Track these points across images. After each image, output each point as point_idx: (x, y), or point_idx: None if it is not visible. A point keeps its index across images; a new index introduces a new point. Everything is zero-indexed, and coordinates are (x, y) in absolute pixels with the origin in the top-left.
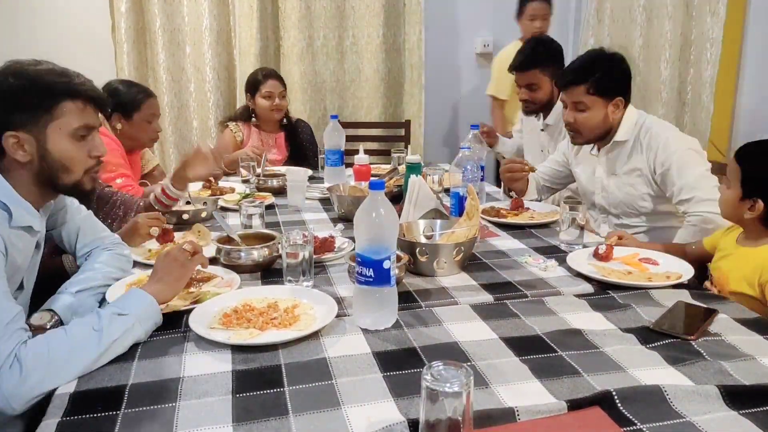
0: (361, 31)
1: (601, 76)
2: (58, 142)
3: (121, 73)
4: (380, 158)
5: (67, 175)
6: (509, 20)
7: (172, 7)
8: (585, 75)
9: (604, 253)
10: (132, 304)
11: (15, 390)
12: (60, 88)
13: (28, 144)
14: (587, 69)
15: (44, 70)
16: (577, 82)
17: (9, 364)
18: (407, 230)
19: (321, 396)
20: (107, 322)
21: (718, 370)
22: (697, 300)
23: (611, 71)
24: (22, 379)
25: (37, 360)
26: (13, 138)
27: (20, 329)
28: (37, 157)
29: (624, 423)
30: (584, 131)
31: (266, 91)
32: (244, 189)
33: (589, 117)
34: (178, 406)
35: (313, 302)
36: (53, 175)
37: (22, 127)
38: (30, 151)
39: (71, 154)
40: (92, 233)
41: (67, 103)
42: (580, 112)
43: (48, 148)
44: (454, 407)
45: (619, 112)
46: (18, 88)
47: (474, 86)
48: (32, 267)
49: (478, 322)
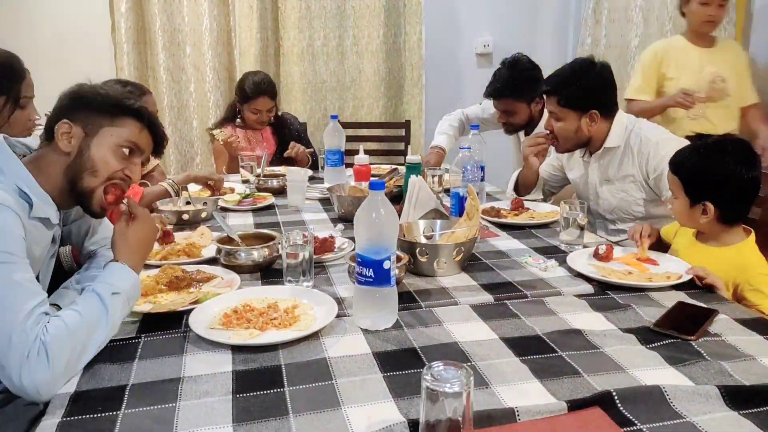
0: (362, 31)
1: (573, 90)
2: (103, 145)
3: (121, 74)
4: (380, 158)
5: (90, 178)
6: (509, 20)
7: (172, 8)
8: (557, 87)
9: (604, 254)
10: (120, 280)
11: (44, 379)
12: (131, 108)
13: (75, 137)
14: (561, 81)
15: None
16: (551, 93)
17: (36, 350)
18: (407, 230)
19: (321, 396)
20: (110, 302)
21: (719, 370)
22: (697, 300)
23: (585, 85)
24: (51, 367)
25: (62, 346)
26: (66, 126)
27: (43, 313)
28: (76, 152)
29: (624, 423)
30: (561, 140)
31: (254, 107)
32: (244, 189)
33: (563, 127)
34: (178, 406)
35: (313, 302)
36: (79, 172)
37: (80, 121)
38: (74, 144)
39: (106, 160)
40: (102, 232)
41: (131, 120)
42: (556, 121)
43: (91, 146)
44: (454, 407)
45: (595, 125)
46: (96, 95)
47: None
48: (48, 263)
49: (478, 322)
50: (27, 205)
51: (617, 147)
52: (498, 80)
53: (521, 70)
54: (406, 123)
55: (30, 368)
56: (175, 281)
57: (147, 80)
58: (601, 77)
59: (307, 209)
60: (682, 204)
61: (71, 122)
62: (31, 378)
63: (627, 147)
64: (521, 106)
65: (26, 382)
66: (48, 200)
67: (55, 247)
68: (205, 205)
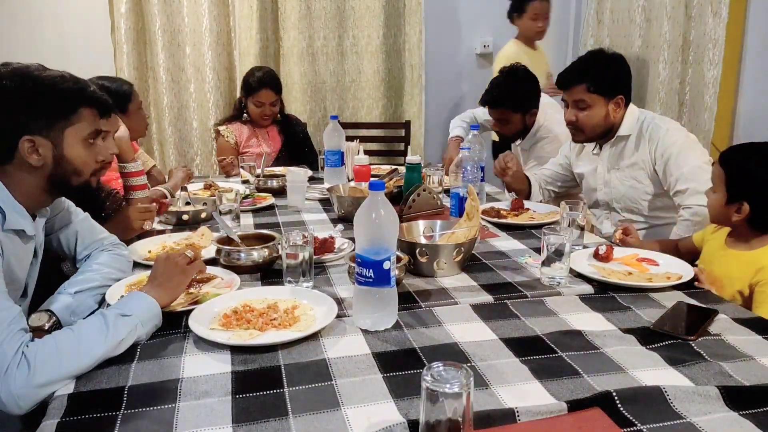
0: (361, 32)
1: (601, 75)
2: (74, 146)
3: (121, 74)
4: (380, 159)
5: (77, 178)
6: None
7: (171, 8)
8: (585, 74)
9: (604, 254)
10: (135, 305)
11: (23, 389)
12: (77, 95)
13: (43, 148)
14: (587, 68)
15: (58, 77)
16: (578, 81)
17: (17, 362)
18: (407, 231)
19: (321, 397)
20: (113, 322)
21: (719, 370)
22: (697, 300)
23: (611, 70)
24: (31, 377)
25: (46, 359)
26: (29, 142)
27: (21, 329)
28: (52, 162)
29: (624, 424)
30: (586, 129)
31: (257, 99)
32: (243, 189)
33: (591, 115)
34: (178, 407)
35: (313, 303)
36: (65, 178)
37: (38, 131)
38: (45, 155)
39: (84, 159)
40: (91, 236)
41: (84, 109)
42: (581, 111)
43: (64, 152)
44: (454, 408)
45: (620, 111)
46: (36, 94)
47: (474, 86)
48: (32, 275)
49: (478, 322)
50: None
51: (629, 135)
52: (495, 89)
53: (518, 82)
54: (406, 123)
55: (8, 382)
56: None
57: (147, 80)
58: (625, 64)
59: (307, 210)
60: (720, 198)
61: (32, 135)
62: (8, 390)
63: (639, 135)
64: (516, 117)
65: (4, 395)
66: (22, 212)
67: (37, 260)
68: (204, 205)
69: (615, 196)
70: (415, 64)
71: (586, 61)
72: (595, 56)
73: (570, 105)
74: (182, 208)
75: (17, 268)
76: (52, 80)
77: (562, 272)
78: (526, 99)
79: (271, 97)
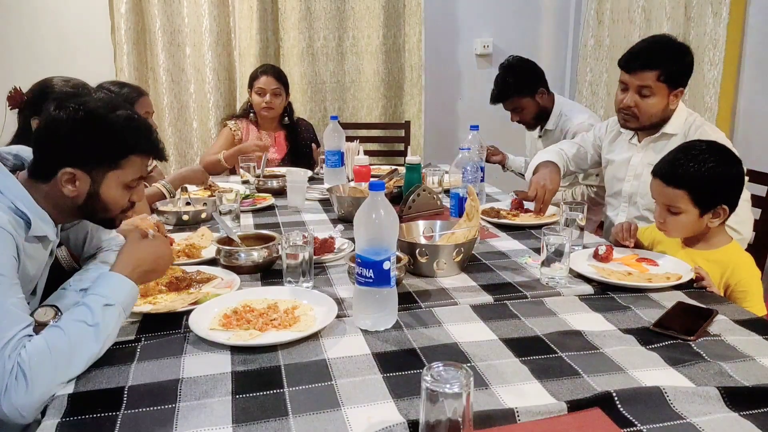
0: (361, 32)
1: (674, 64)
2: (112, 189)
3: (121, 75)
4: (380, 159)
5: (104, 214)
6: (509, 21)
7: (171, 9)
8: (659, 61)
9: (603, 254)
10: (115, 291)
11: (24, 401)
12: (135, 144)
13: (81, 182)
14: (662, 55)
15: (124, 119)
16: (650, 67)
17: (15, 375)
18: (407, 231)
19: (321, 397)
20: (100, 315)
21: (718, 371)
22: (697, 301)
23: (683, 60)
24: (30, 389)
25: (41, 366)
26: (69, 175)
27: (26, 336)
28: (85, 196)
29: (624, 424)
30: (643, 117)
31: (258, 87)
32: (243, 190)
33: (653, 103)
34: (178, 407)
35: (313, 303)
36: (93, 211)
37: (82, 167)
38: (80, 189)
39: (117, 200)
40: (99, 237)
41: (135, 157)
42: (643, 98)
43: (100, 191)
44: (454, 408)
45: (677, 103)
46: (97, 135)
47: (474, 87)
48: (44, 274)
49: (478, 323)
50: (24, 224)
51: (675, 135)
52: (499, 84)
53: (515, 68)
54: (406, 124)
55: (9, 396)
56: (174, 282)
57: (147, 81)
58: (691, 54)
59: (307, 210)
60: (690, 216)
61: (74, 168)
62: (10, 404)
63: (685, 138)
64: (527, 101)
65: (7, 409)
66: (46, 218)
67: (51, 259)
68: (204, 205)
69: (642, 191)
70: (415, 65)
71: (660, 47)
72: (669, 43)
73: (631, 89)
74: (182, 208)
75: (32, 271)
76: (118, 124)
77: (562, 272)
78: (529, 80)
79: (271, 83)
